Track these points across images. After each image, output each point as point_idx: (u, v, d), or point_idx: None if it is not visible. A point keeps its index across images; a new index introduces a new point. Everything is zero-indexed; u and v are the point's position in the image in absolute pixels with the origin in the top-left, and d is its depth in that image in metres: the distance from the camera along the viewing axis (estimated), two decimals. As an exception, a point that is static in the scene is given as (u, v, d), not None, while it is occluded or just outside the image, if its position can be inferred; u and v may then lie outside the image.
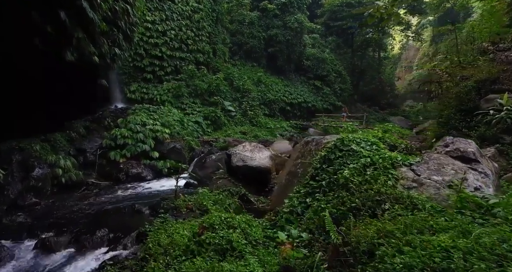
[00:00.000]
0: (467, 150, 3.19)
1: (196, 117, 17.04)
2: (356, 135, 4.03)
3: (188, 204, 6.33)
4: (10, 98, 8.46)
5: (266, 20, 26.65)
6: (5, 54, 7.28)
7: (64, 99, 10.90)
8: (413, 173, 3.03)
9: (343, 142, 4.01)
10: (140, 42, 17.63)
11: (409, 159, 3.29)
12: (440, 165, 3.02)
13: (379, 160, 3.35)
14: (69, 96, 11.05)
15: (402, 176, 3.05)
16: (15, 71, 8.07)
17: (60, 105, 10.93)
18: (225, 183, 7.54)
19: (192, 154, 12.81)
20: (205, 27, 21.97)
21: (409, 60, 61.90)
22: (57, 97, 10.41)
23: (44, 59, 8.20)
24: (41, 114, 10.20)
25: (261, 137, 16.92)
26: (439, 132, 6.28)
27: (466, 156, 3.17)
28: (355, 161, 3.61)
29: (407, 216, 2.37)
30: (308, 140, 4.72)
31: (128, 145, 11.23)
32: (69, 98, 11.21)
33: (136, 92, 17.55)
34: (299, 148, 4.77)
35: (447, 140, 3.48)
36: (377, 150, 3.62)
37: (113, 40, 12.03)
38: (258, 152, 7.91)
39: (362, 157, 3.56)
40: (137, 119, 12.23)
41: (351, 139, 3.98)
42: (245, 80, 22.63)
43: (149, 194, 8.87)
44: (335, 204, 3.35)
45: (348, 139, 4.00)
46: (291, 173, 4.56)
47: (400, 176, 3.06)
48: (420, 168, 3.07)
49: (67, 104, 11.37)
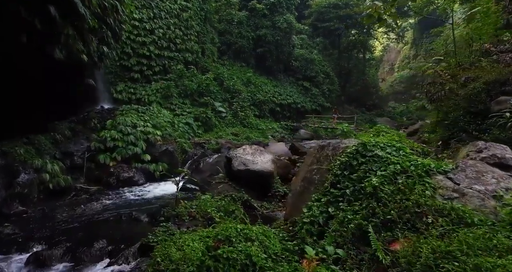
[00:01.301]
0: (505, 156, 3.09)
1: (186, 118, 16.61)
2: (378, 140, 3.87)
3: (191, 211, 6.02)
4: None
5: (255, 20, 26.44)
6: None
7: (48, 99, 10.31)
8: (451, 182, 2.88)
9: (366, 147, 3.83)
10: (127, 40, 17.03)
11: (442, 166, 3.15)
12: (479, 173, 2.90)
13: (410, 167, 3.18)
14: (54, 95, 10.48)
15: (440, 185, 2.89)
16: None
17: (43, 105, 10.34)
18: (226, 188, 7.27)
19: (185, 157, 12.43)
20: (194, 26, 21.55)
21: (390, 62, 63.39)
22: (42, 96, 9.83)
23: (30, 57, 7.67)
24: (22, 113, 9.59)
25: (253, 139, 16.69)
26: (446, 134, 6.27)
27: (505, 163, 3.07)
28: (383, 168, 3.43)
29: (464, 233, 2.21)
30: (324, 145, 4.53)
31: (118, 148, 10.73)
32: (54, 97, 10.62)
33: (123, 92, 16.94)
34: (314, 153, 4.57)
35: (480, 145, 3.37)
36: (405, 156, 3.47)
37: (102, 38, 11.52)
38: (259, 155, 7.68)
39: (391, 163, 3.38)
40: (127, 120, 11.73)
41: (375, 144, 3.81)
42: (235, 81, 22.34)
43: (144, 199, 8.46)
44: (364, 216, 3.16)
45: (371, 144, 3.83)
46: (306, 179, 4.36)
47: (437, 185, 2.91)
48: (458, 176, 2.92)
49: (52, 104, 10.78)
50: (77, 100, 13.09)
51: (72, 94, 12.41)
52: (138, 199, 8.56)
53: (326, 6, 32.27)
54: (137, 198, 8.70)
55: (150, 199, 8.56)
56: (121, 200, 8.41)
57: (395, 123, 29.99)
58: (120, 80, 17.31)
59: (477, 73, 6.52)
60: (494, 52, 6.93)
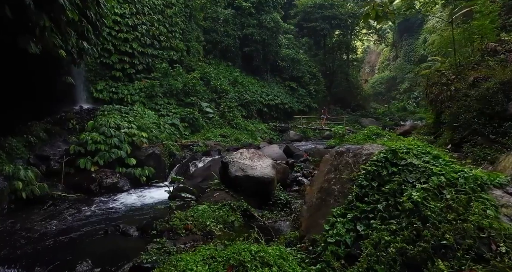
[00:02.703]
0: None
1: (172, 118, 15.84)
2: (410, 145, 3.45)
3: (187, 224, 5.43)
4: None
5: (241, 19, 25.88)
6: None
7: (21, 97, 9.39)
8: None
9: (396, 154, 3.39)
10: (108, 36, 16.05)
11: (497, 178, 2.76)
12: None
13: (459, 180, 2.77)
14: (27, 93, 9.56)
15: (502, 202, 2.49)
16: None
17: (15, 103, 9.41)
18: (223, 196, 6.70)
19: (173, 160, 11.73)
20: (178, 23, 20.75)
21: (371, 64, 64.58)
22: (13, 94, 8.91)
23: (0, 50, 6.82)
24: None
25: (242, 141, 16.13)
26: (456, 138, 6.00)
27: None
28: (422, 180, 3.00)
29: None
30: (342, 151, 4.07)
31: (100, 151, 9.91)
32: (27, 95, 9.71)
33: (104, 92, 15.94)
34: (330, 160, 4.10)
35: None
36: (447, 165, 3.05)
37: (81, 32, 10.65)
38: (258, 160, 7.17)
39: (432, 174, 2.96)
40: (110, 121, 10.90)
41: (407, 151, 3.38)
42: (221, 80, 21.70)
43: (131, 208, 7.74)
44: (406, 238, 2.71)
45: (402, 151, 3.39)
46: (323, 190, 3.88)
47: (498, 202, 2.51)
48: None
49: (25, 103, 9.85)
50: (53, 99, 12.12)
51: (48, 93, 11.47)
52: (124, 208, 7.81)
53: (311, 6, 32.15)
54: (123, 206, 7.96)
55: (138, 207, 7.85)
56: (105, 210, 7.64)
57: (380, 124, 30.28)
58: (101, 79, 16.29)
59: (486, 72, 6.31)
60: (502, 51, 6.77)
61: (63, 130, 12.28)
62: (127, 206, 7.94)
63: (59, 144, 11.51)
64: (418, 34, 49.11)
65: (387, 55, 60.20)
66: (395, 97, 49.98)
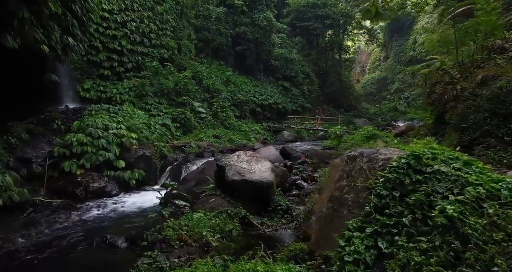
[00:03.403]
0: None
1: (163, 119, 15.27)
2: (435, 150, 3.09)
3: (181, 234, 4.97)
4: None
5: (233, 17, 25.39)
6: None
7: (0, 95, 8.76)
8: None
9: (421, 160, 3.02)
10: (95, 33, 15.36)
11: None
12: None
13: (503, 192, 2.41)
14: (7, 91, 8.93)
15: (559, 219, 2.15)
16: None
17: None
18: (219, 202, 6.25)
19: (164, 162, 11.20)
20: (169, 21, 20.15)
21: (361, 64, 64.88)
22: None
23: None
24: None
25: (236, 141, 15.68)
26: (465, 139, 5.69)
27: None
28: (456, 191, 2.63)
29: None
30: (354, 155, 3.68)
31: (87, 154, 9.32)
32: (7, 94, 9.07)
33: (91, 91, 15.26)
34: (341, 165, 3.71)
35: None
36: (483, 173, 2.70)
37: (66, 27, 10.05)
38: (256, 163, 6.75)
39: (468, 184, 2.59)
40: (97, 122, 10.31)
41: (432, 156, 3.01)
42: (214, 79, 21.18)
43: (119, 215, 7.21)
44: (442, 260, 2.32)
45: (427, 156, 3.02)
46: (334, 199, 3.48)
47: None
48: None
49: (5, 102, 9.20)
50: (36, 98, 11.45)
51: (31, 91, 10.81)
52: (112, 214, 7.28)
53: (304, 5, 31.89)
54: (110, 213, 7.42)
55: (127, 214, 7.33)
56: (91, 217, 7.10)
57: (373, 124, 30.22)
58: (88, 77, 15.59)
59: (494, 71, 6.04)
60: (510, 49, 6.53)
61: (47, 131, 11.63)
62: (115, 213, 7.41)
63: (42, 145, 10.89)
64: (408, 35, 49.56)
65: (378, 55, 60.57)
66: (386, 97, 50.26)
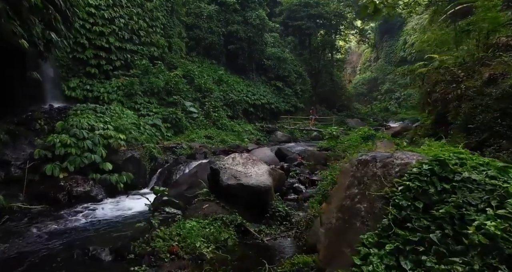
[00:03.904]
0: None
1: (153, 119, 14.71)
2: (462, 155, 2.74)
3: (172, 246, 4.52)
4: None
5: (225, 15, 24.92)
6: None
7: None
8: None
9: (446, 166, 2.66)
10: (81, 29, 14.69)
11: None
12: None
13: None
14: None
15: None
16: None
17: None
18: (213, 208, 5.82)
19: (154, 165, 10.69)
20: (159, 18, 19.58)
21: (352, 65, 65.19)
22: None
23: None
24: None
25: (229, 142, 15.23)
26: (473, 141, 5.41)
27: None
28: (494, 203, 2.27)
29: None
30: (366, 159, 3.31)
31: (71, 156, 8.76)
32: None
33: (77, 89, 14.59)
34: (351, 171, 3.34)
35: None
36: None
37: (48, 21, 9.49)
38: (252, 166, 6.34)
39: (509, 196, 2.24)
40: (82, 122, 9.74)
41: (459, 162, 2.66)
42: (206, 79, 20.67)
43: (104, 223, 6.70)
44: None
45: (453, 162, 2.66)
46: (345, 209, 3.11)
47: None
48: None
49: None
50: (17, 96, 10.83)
51: (10, 90, 10.21)
52: (97, 222, 6.76)
53: (297, 4, 31.62)
54: (95, 220, 6.90)
55: (113, 221, 6.82)
56: (73, 224, 6.57)
57: (365, 125, 30.12)
58: (74, 75, 14.92)
59: (502, 69, 5.79)
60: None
61: (29, 131, 10.95)
62: (100, 220, 6.90)
63: (23, 147, 10.21)
64: (398, 36, 49.95)
65: (368, 56, 60.94)
66: (377, 97, 50.56)
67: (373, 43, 52.94)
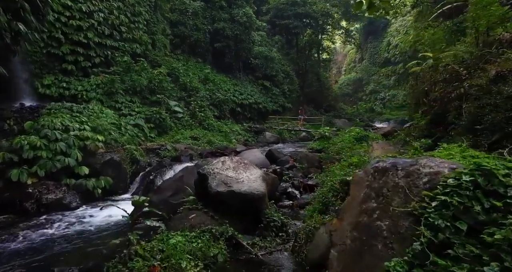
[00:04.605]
0: None
1: (135, 119, 13.87)
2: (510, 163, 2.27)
3: (154, 267, 3.88)
4: None
5: (211, 12, 24.21)
6: None
7: None
8: None
9: (494, 177, 2.17)
10: (56, 23, 13.69)
11: None
12: None
13: None
14: None
15: None
16: None
17: None
18: (201, 219, 5.20)
19: (136, 168, 9.94)
20: (142, 13, 18.70)
21: (338, 65, 65.64)
22: None
23: None
24: None
25: (216, 143, 14.55)
26: (481, 143, 5.02)
27: None
28: None
29: None
30: (384, 167, 2.80)
31: (41, 159, 7.91)
32: None
33: (53, 87, 13.59)
34: (366, 180, 2.82)
35: None
36: None
37: (15, 11, 8.64)
38: (244, 170, 5.76)
39: None
40: (55, 122, 8.89)
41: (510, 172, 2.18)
42: (191, 77, 19.91)
43: (77, 236, 5.95)
44: None
45: (501, 172, 2.18)
46: (362, 227, 2.59)
47: None
48: None
49: None
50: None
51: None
52: (68, 234, 6.00)
53: (284, 2, 31.23)
54: (66, 232, 6.14)
55: (87, 233, 6.08)
56: (40, 238, 5.78)
57: (352, 125, 30.01)
58: (49, 72, 13.89)
59: (509, 66, 5.45)
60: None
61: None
62: (72, 232, 6.14)
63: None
64: (382, 37, 50.58)
65: (353, 57, 61.52)
66: (362, 98, 51.01)
67: (358, 43, 53.38)
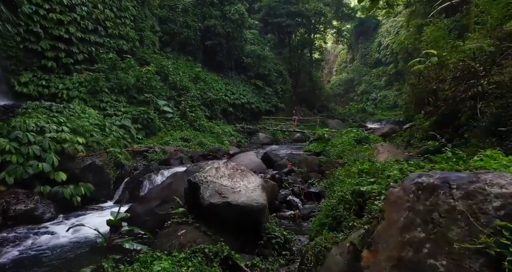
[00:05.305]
0: None
1: (121, 119, 12.98)
2: None
3: (133, 302, 3.14)
4: None
5: (202, 8, 23.40)
6: None
7: None
8: None
9: None
10: (34, 15, 12.71)
11: None
12: None
13: None
14: None
15: None
16: None
17: None
18: (192, 235, 4.47)
19: (120, 173, 9.12)
20: (129, 9, 17.79)
21: (329, 65, 65.57)
22: None
23: None
24: None
25: (208, 145, 13.79)
26: (507, 146, 4.46)
27: None
28: None
29: None
30: (432, 184, 2.13)
31: (10, 165, 7.04)
32: None
33: (31, 85, 12.60)
34: (406, 200, 2.18)
35: None
36: None
37: (-17, -1, 7.73)
38: (241, 178, 5.05)
39: None
40: (28, 123, 8.01)
41: None
42: (181, 76, 19.07)
43: (46, 255, 5.12)
44: None
45: None
46: (405, 264, 1.93)
47: None
48: None
49: None
50: None
51: None
52: (34, 255, 5.16)
53: (276, 0, 30.61)
54: (33, 252, 5.28)
55: (60, 252, 5.26)
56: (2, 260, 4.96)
57: (345, 125, 29.57)
58: (26, 69, 12.87)
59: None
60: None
61: (-36, 135, 9.04)
62: (40, 251, 5.30)
63: (-46, 154, 8.34)
64: (373, 38, 50.62)
65: (345, 57, 61.53)
66: (353, 98, 50.91)
67: (349, 44, 53.26)
